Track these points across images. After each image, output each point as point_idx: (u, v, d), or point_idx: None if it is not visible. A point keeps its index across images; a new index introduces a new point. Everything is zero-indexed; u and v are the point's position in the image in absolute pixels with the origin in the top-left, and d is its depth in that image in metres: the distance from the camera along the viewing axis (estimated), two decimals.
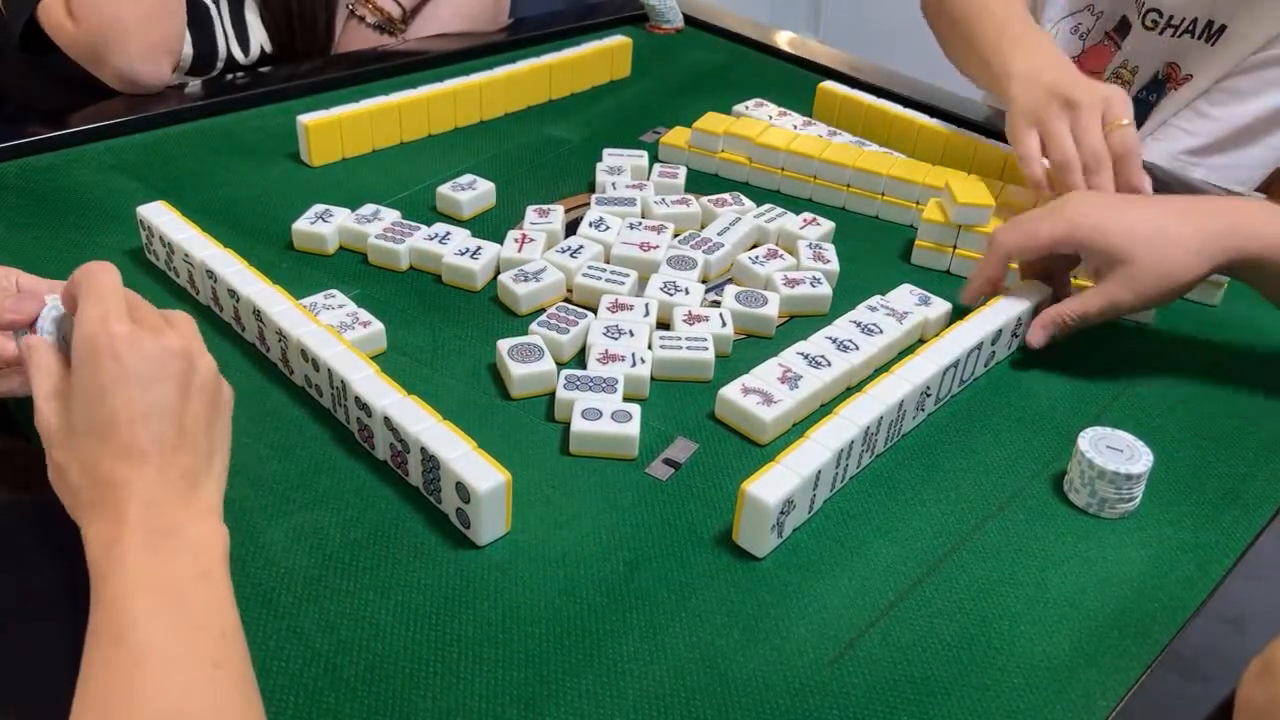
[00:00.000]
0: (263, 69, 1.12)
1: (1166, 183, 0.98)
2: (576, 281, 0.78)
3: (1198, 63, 1.08)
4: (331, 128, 0.94)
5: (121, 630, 0.41)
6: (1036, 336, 0.74)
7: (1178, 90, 1.10)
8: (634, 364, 0.69)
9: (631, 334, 0.72)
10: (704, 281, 0.80)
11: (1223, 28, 1.06)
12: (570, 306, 0.75)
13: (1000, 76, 0.90)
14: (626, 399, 0.66)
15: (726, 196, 0.91)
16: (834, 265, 0.82)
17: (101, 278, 0.50)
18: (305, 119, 0.92)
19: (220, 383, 0.53)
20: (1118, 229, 0.70)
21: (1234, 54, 1.05)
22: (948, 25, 1.02)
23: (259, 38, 1.12)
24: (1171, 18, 1.08)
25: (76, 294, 0.50)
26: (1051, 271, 0.78)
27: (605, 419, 0.64)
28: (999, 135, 0.99)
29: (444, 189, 0.89)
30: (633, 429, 0.63)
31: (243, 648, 0.44)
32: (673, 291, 0.77)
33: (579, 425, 0.63)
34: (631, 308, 0.74)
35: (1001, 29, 0.93)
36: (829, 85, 1.08)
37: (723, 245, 0.83)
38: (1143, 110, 1.13)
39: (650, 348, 0.71)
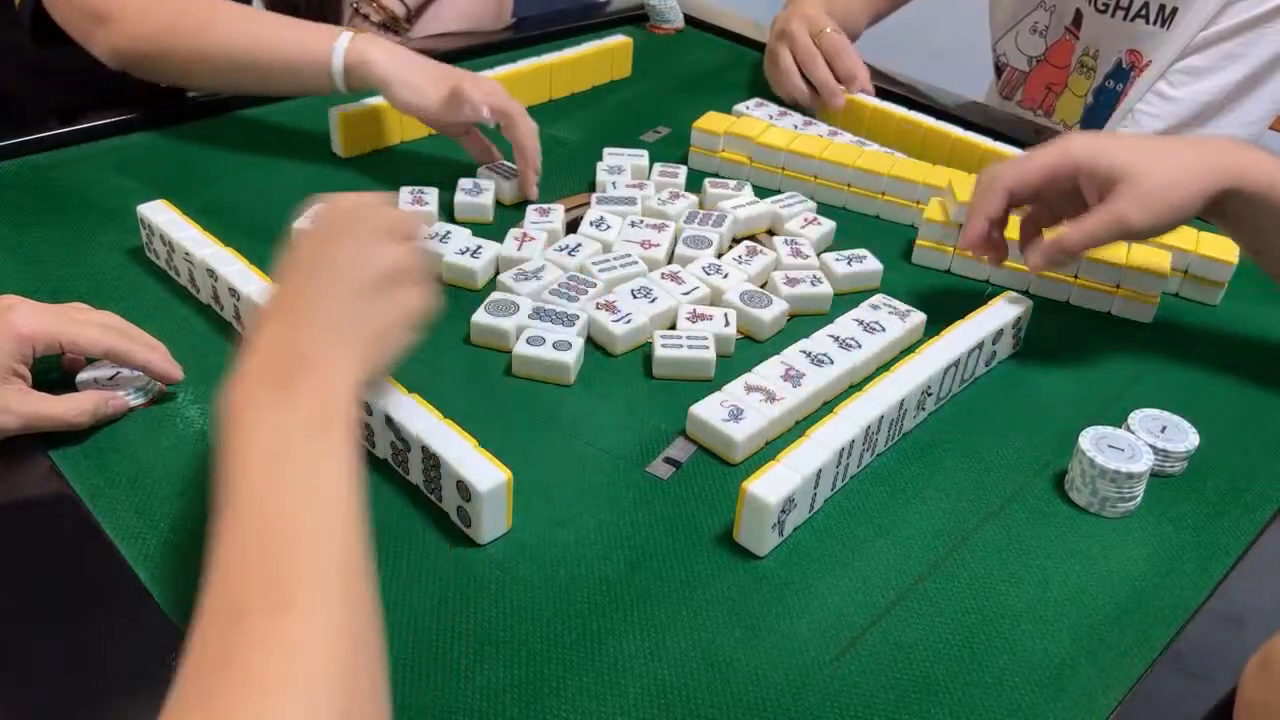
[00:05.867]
0: None
1: None
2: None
3: (1155, 48, 1.10)
4: (367, 118, 0.95)
5: (233, 487, 0.43)
6: (1034, 259, 0.72)
7: (1141, 76, 1.11)
8: (726, 324, 0.73)
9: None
10: (720, 256, 0.82)
11: (1174, 10, 1.07)
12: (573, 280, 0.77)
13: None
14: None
15: (730, 183, 0.91)
16: (813, 259, 0.83)
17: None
18: (339, 110, 0.94)
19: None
20: (1115, 149, 0.69)
21: (1187, 33, 1.07)
22: None
23: None
24: (1120, 0, 1.10)
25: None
26: (1055, 216, 0.75)
27: (546, 346, 0.69)
28: (1002, 137, 1.00)
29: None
30: (569, 357, 0.68)
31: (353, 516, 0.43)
32: (713, 272, 0.79)
33: (520, 349, 0.68)
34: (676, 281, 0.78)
35: None
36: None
37: (732, 215, 0.85)
38: (1110, 99, 1.14)
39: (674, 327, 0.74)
